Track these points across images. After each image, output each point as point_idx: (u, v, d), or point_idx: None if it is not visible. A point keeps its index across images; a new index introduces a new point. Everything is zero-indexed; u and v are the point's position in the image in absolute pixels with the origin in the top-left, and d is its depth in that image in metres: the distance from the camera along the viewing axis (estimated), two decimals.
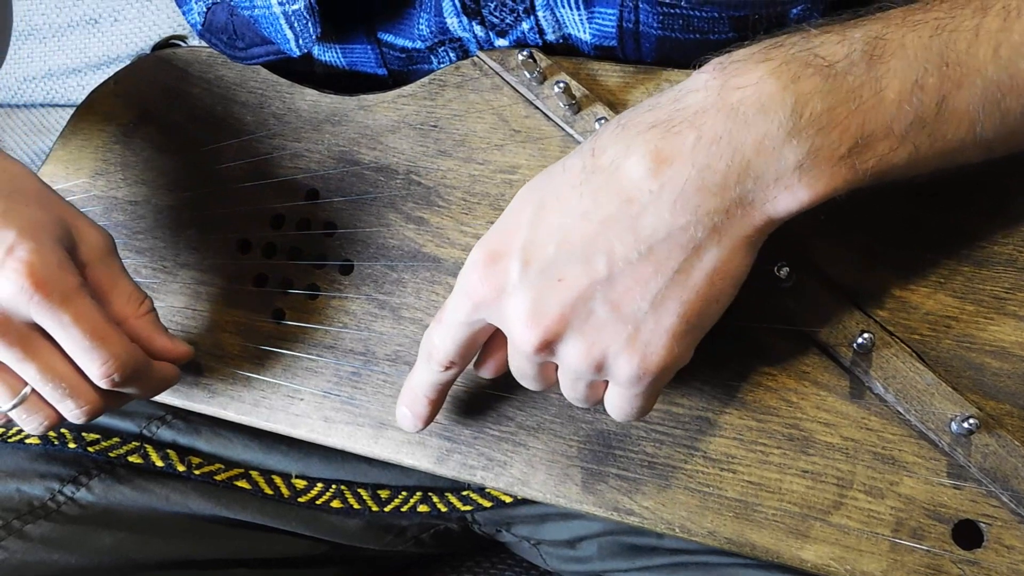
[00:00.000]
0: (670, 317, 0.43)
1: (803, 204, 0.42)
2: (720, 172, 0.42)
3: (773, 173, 0.42)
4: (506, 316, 0.45)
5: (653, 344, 0.43)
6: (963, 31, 0.43)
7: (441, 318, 0.48)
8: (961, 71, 0.43)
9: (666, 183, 0.42)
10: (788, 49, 0.43)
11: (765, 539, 0.49)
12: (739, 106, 0.42)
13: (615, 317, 0.43)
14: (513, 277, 0.44)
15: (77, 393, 0.51)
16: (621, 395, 0.46)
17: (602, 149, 0.44)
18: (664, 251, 0.42)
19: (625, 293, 0.43)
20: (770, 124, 0.41)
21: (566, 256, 0.43)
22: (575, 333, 0.44)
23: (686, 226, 0.42)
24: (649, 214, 0.42)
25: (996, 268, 0.49)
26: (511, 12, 0.57)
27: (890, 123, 0.42)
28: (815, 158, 0.41)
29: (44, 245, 0.49)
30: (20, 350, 0.49)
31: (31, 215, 0.50)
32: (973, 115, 0.43)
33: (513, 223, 0.45)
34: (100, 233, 0.54)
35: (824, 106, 0.42)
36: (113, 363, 0.50)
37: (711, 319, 0.44)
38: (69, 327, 0.49)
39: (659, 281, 0.43)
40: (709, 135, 0.42)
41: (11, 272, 0.48)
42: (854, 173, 0.42)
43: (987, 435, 0.47)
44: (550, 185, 0.45)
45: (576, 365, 0.45)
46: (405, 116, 0.60)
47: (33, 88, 1.10)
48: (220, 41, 0.63)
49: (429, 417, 0.52)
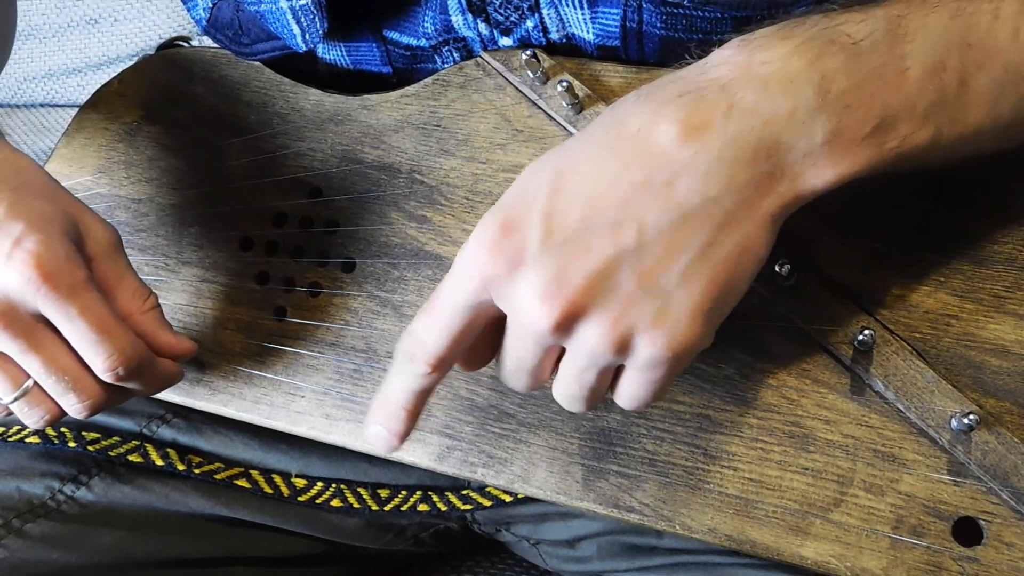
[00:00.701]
0: (698, 292, 0.41)
1: (828, 183, 0.41)
2: (752, 144, 0.40)
3: (802, 148, 0.41)
4: (518, 293, 0.41)
5: (681, 322, 0.41)
6: (983, 13, 0.42)
7: (431, 309, 0.44)
8: (982, 53, 0.42)
9: (700, 150, 0.40)
10: (811, 27, 0.42)
11: (765, 536, 0.49)
12: (767, 80, 0.41)
13: (643, 291, 0.40)
14: (532, 248, 0.41)
15: (80, 387, 0.51)
16: (637, 380, 0.43)
17: (625, 118, 0.42)
18: (696, 221, 0.40)
19: (655, 264, 0.40)
20: (798, 99, 0.40)
21: (592, 224, 0.40)
22: (599, 309, 0.41)
23: (718, 196, 0.40)
24: (683, 181, 0.40)
25: (996, 267, 0.50)
26: (516, 10, 0.57)
27: (913, 103, 0.42)
28: (841, 135, 0.41)
29: (52, 237, 0.49)
30: (25, 341, 0.49)
31: (39, 208, 0.50)
32: (993, 98, 0.43)
33: (529, 192, 0.42)
34: (107, 228, 0.54)
35: (849, 83, 0.41)
36: (118, 357, 0.50)
37: (734, 300, 0.43)
38: (75, 319, 0.49)
39: (690, 253, 0.40)
40: (742, 105, 0.41)
41: (19, 263, 0.48)
42: (879, 153, 0.41)
43: (987, 432, 0.47)
44: (568, 155, 0.43)
45: (595, 346, 0.41)
46: (408, 116, 0.61)
47: (33, 88, 1.11)
48: (225, 37, 0.63)
49: (406, 432, 0.47)
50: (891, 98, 0.41)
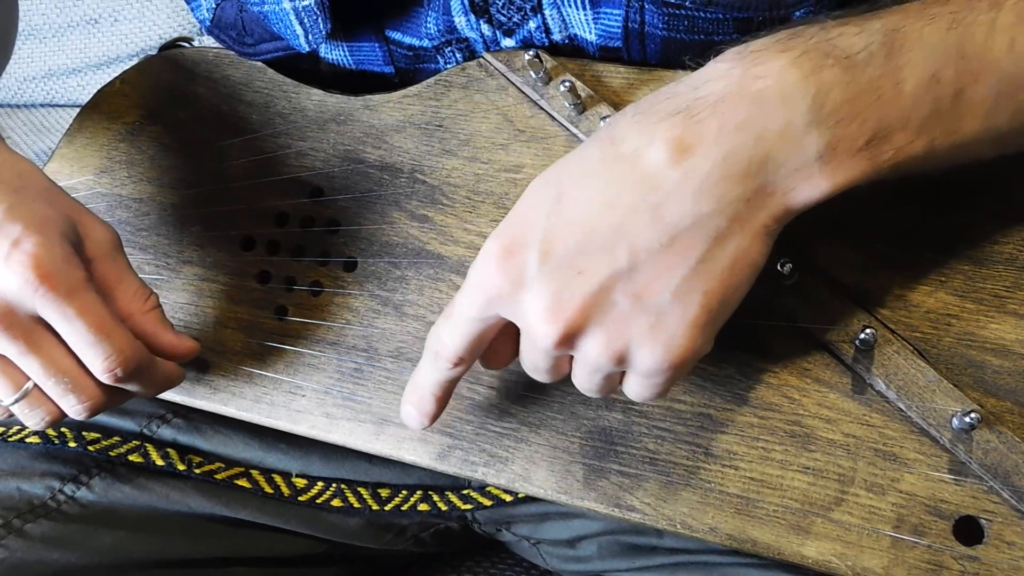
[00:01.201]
0: (693, 307, 0.42)
1: (823, 194, 0.42)
2: (743, 160, 0.41)
3: (795, 163, 0.41)
4: (523, 310, 0.44)
5: (677, 335, 0.43)
6: (979, 25, 0.43)
7: (451, 314, 0.48)
8: (978, 64, 0.43)
9: (689, 171, 0.42)
10: (807, 39, 0.43)
11: (766, 535, 0.49)
12: (761, 95, 0.41)
13: (638, 309, 0.43)
14: (531, 269, 0.43)
15: (79, 388, 0.51)
16: (640, 383, 0.45)
17: (621, 137, 0.43)
18: (687, 240, 0.42)
19: (648, 284, 0.42)
20: (792, 113, 0.41)
21: (587, 247, 0.43)
22: (596, 327, 0.43)
23: (710, 215, 0.42)
24: (673, 203, 0.42)
25: (996, 267, 0.50)
26: (518, 11, 0.57)
27: (908, 115, 0.42)
28: (835, 149, 0.41)
29: (50, 239, 0.49)
30: (24, 343, 0.49)
31: (38, 210, 0.50)
32: (989, 108, 0.43)
33: (530, 214, 0.44)
34: (106, 229, 0.54)
35: (844, 97, 0.41)
36: (117, 357, 0.50)
37: (731, 308, 0.44)
38: (73, 320, 0.49)
39: (682, 271, 0.42)
40: (732, 123, 0.41)
41: (17, 264, 0.48)
42: (873, 165, 0.42)
43: (988, 431, 0.47)
44: (567, 175, 0.44)
45: (595, 359, 0.44)
46: (410, 116, 0.61)
47: (33, 88, 1.11)
48: (229, 37, 0.63)
49: (435, 415, 0.51)
50: (886, 110, 0.42)
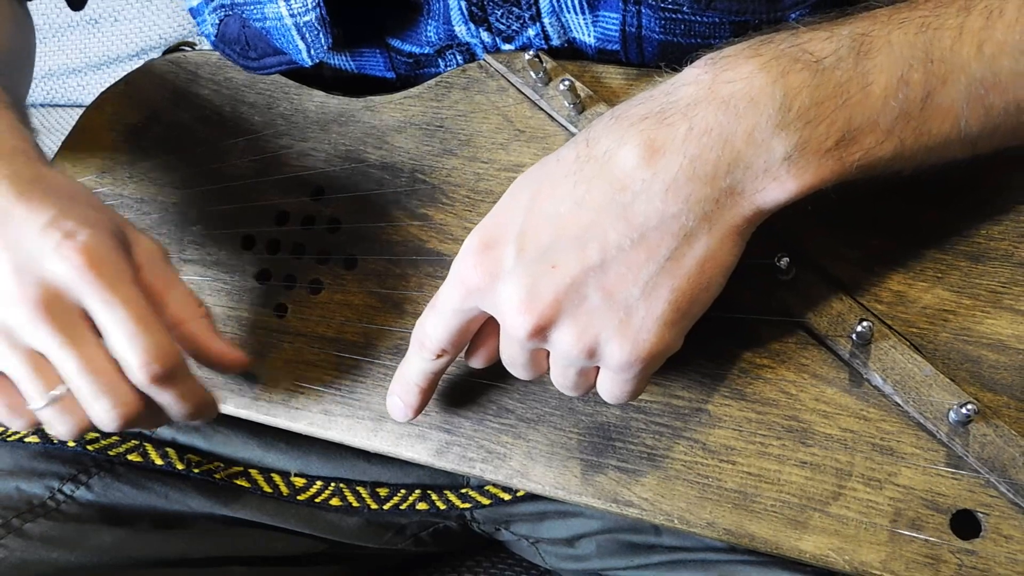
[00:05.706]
0: (661, 304, 0.44)
1: (791, 195, 0.43)
2: (711, 162, 0.43)
3: (762, 164, 0.43)
4: (499, 302, 0.46)
5: (644, 331, 0.44)
6: (947, 29, 0.44)
7: (434, 306, 0.49)
8: (946, 67, 0.44)
9: (658, 172, 0.43)
10: (778, 45, 0.44)
11: (764, 530, 0.49)
12: (730, 99, 0.43)
13: (607, 303, 0.44)
14: (507, 264, 0.45)
15: (114, 392, 0.48)
16: (612, 379, 0.47)
17: (596, 140, 0.45)
18: (656, 238, 0.43)
19: (617, 280, 0.44)
20: (760, 116, 0.42)
21: (560, 243, 0.44)
22: (568, 319, 0.45)
23: (677, 214, 0.43)
24: (641, 202, 0.43)
25: (992, 263, 0.50)
26: (517, 19, 0.58)
27: (876, 117, 0.43)
28: (803, 150, 0.43)
29: (102, 233, 0.49)
30: (65, 335, 0.47)
31: (91, 214, 0.50)
32: (957, 111, 0.44)
33: (508, 212, 0.46)
34: (153, 241, 0.53)
35: (812, 100, 0.43)
36: (155, 352, 0.47)
37: (701, 307, 0.45)
38: (117, 309, 0.47)
39: (651, 268, 0.43)
40: (701, 126, 0.43)
41: (68, 251, 0.47)
42: (841, 166, 0.43)
43: (985, 425, 0.47)
44: (544, 175, 0.46)
45: (568, 351, 0.45)
46: (411, 117, 0.61)
47: (33, 88, 1.11)
48: (233, 52, 0.64)
49: (419, 406, 0.53)
50: (854, 113, 0.43)
